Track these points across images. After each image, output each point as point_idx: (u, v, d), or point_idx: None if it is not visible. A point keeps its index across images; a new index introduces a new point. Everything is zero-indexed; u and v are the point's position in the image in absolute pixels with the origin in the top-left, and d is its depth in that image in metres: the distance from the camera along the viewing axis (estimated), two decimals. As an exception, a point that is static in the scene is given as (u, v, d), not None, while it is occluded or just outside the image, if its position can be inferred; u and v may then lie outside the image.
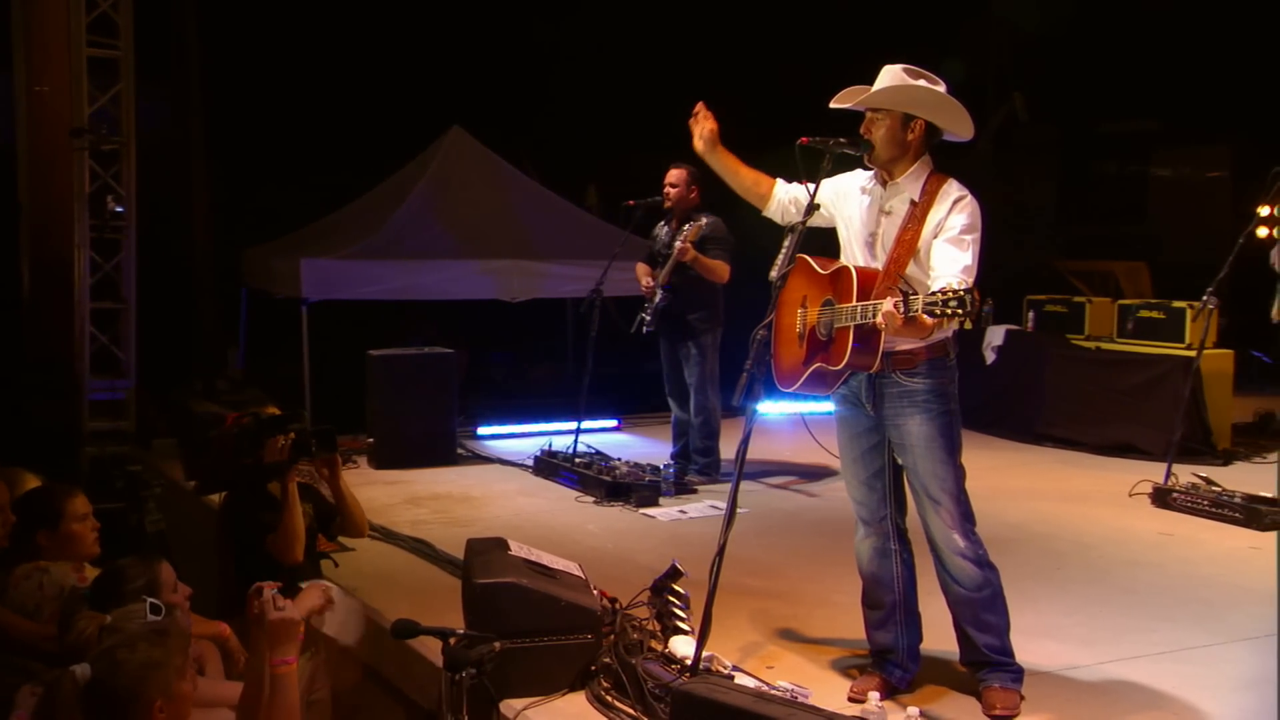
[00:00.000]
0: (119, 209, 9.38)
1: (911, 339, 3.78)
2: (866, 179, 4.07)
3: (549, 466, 7.73)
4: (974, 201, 3.85)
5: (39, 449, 8.06)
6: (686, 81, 11.88)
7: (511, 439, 9.15)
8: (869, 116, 3.96)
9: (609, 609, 4.34)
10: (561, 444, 7.97)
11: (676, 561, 4.27)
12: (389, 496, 7.16)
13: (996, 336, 9.49)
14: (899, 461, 4.03)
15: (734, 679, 3.75)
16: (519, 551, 4.37)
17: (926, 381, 3.89)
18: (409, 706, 4.57)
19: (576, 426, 7.92)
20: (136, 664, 2.79)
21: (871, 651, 4.17)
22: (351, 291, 9.21)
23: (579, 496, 7.16)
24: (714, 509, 6.77)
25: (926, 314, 3.42)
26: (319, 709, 4.48)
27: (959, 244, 3.76)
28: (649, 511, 6.75)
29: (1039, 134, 13.91)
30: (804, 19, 12.20)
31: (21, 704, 3.21)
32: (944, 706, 3.99)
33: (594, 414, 8.48)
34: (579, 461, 7.56)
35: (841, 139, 3.96)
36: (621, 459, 7.55)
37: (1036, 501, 7.02)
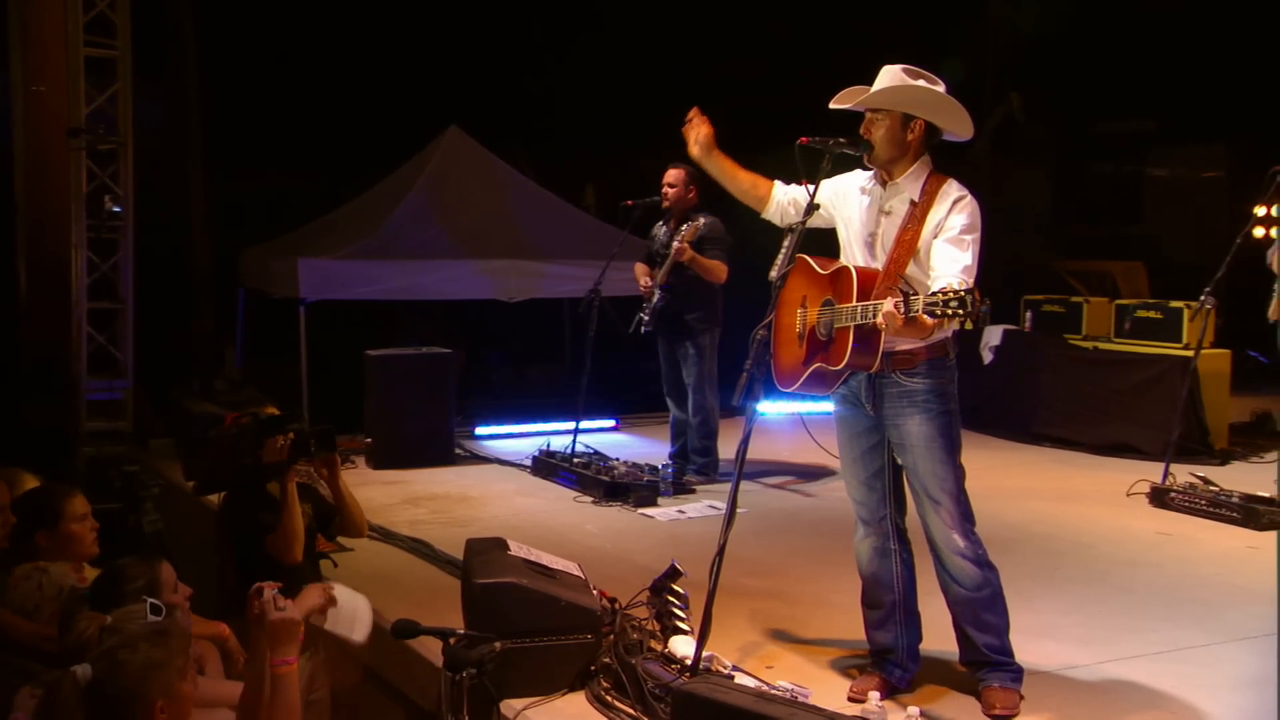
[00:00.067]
0: (116, 209, 9.35)
1: (911, 339, 3.78)
2: (866, 179, 4.07)
3: (547, 466, 7.73)
4: (974, 201, 3.85)
5: (35, 449, 8.04)
6: (685, 81, 11.91)
7: (509, 439, 9.14)
8: (868, 117, 3.97)
9: (608, 609, 4.34)
10: (559, 444, 7.97)
11: (675, 561, 4.27)
12: (387, 496, 7.16)
13: (994, 336, 9.50)
14: (899, 461, 4.03)
15: (734, 679, 3.75)
16: (518, 551, 4.37)
17: (926, 381, 3.90)
18: (408, 706, 4.57)
19: (574, 426, 7.92)
20: (138, 664, 2.79)
21: (871, 651, 4.17)
22: (349, 291, 9.21)
23: (577, 496, 7.16)
24: (712, 509, 6.78)
25: (927, 314, 3.42)
26: (318, 709, 4.47)
27: (959, 244, 3.76)
28: (647, 511, 6.75)
29: (1035, 134, 13.92)
30: (803, 19, 12.19)
31: (21, 706, 3.20)
32: (943, 706, 4.00)
33: (592, 414, 8.47)
34: (577, 461, 7.56)
35: (841, 139, 3.96)
36: (619, 459, 7.55)
37: (1034, 501, 7.03)
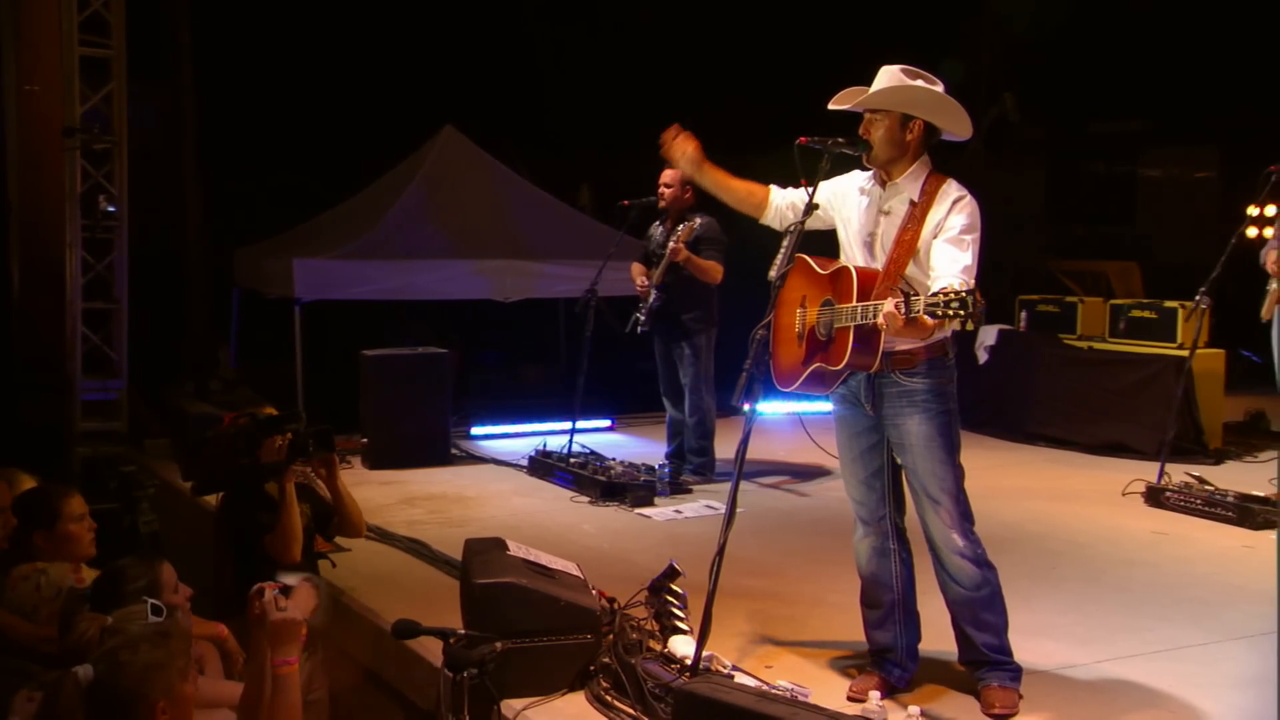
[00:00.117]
0: (111, 209, 9.33)
1: (911, 339, 3.79)
2: (865, 179, 4.07)
3: (544, 466, 7.72)
4: (973, 201, 3.86)
5: (31, 449, 8.01)
6: (682, 81, 11.92)
7: (505, 439, 9.14)
8: (867, 117, 3.97)
9: (608, 609, 4.34)
10: (556, 444, 7.97)
11: (674, 561, 4.28)
12: (384, 497, 7.15)
13: (989, 336, 9.51)
14: (898, 461, 4.03)
15: (734, 679, 3.76)
16: (518, 551, 4.37)
17: (926, 381, 3.90)
18: (407, 707, 4.56)
19: (571, 426, 7.91)
20: (139, 665, 2.79)
21: (870, 651, 4.17)
22: (345, 291, 9.19)
23: (574, 496, 7.16)
24: (709, 509, 6.78)
25: (928, 315, 3.42)
26: (317, 709, 4.46)
27: (959, 244, 3.77)
28: (644, 511, 6.75)
29: (1029, 134, 13.95)
30: (801, 19, 12.19)
31: (18, 710, 3.18)
32: (943, 706, 4.00)
33: (588, 414, 8.47)
34: (574, 461, 7.55)
35: (840, 139, 3.97)
36: (616, 459, 7.55)
37: (1030, 501, 7.04)
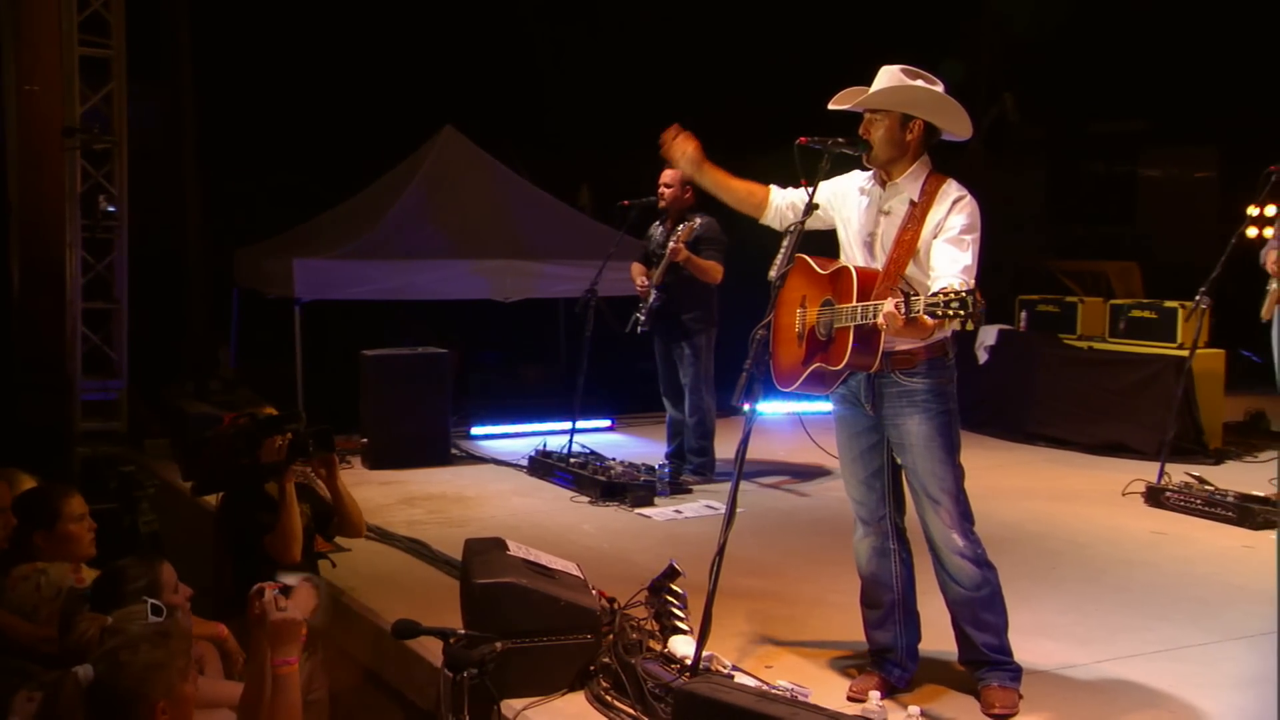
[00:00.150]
0: (111, 209, 9.33)
1: (911, 339, 3.79)
2: (865, 179, 4.07)
3: (544, 466, 7.72)
4: (973, 201, 3.86)
5: (30, 449, 8.01)
6: (682, 81, 11.91)
7: (505, 439, 9.14)
8: (867, 117, 3.97)
9: (608, 609, 4.34)
10: (556, 444, 7.97)
11: (674, 561, 4.28)
12: (384, 497, 7.15)
13: (989, 336, 9.51)
14: (898, 461, 4.03)
15: (733, 679, 3.76)
16: (518, 551, 4.37)
17: (926, 381, 3.90)
18: (407, 707, 4.56)
19: (571, 426, 7.91)
20: (139, 665, 2.79)
21: (870, 651, 4.17)
22: (344, 291, 9.19)
23: (574, 496, 7.16)
24: (709, 509, 6.78)
25: (928, 315, 3.42)
26: (316, 709, 4.46)
27: (959, 244, 3.77)
28: (644, 511, 6.75)
29: (1029, 134, 13.96)
30: (801, 19, 12.19)
31: (18, 710, 3.18)
32: (943, 705, 4.00)
33: (587, 414, 8.47)
34: (574, 461, 7.55)
35: (840, 139, 3.97)
36: (616, 459, 7.55)
37: (1030, 501, 7.04)
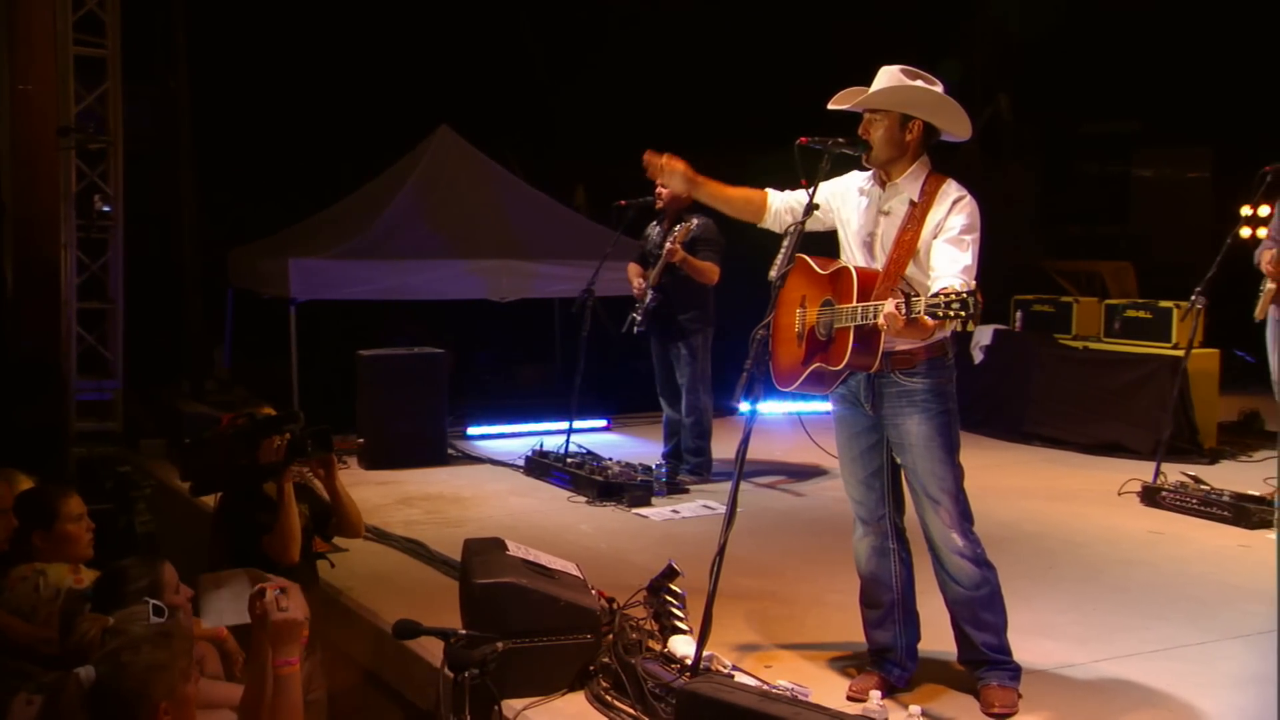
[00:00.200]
0: (106, 208, 9.31)
1: (911, 340, 3.79)
2: (865, 180, 4.08)
3: (540, 467, 7.71)
4: (973, 202, 3.86)
5: (26, 450, 7.99)
6: (678, 81, 11.91)
7: (501, 439, 9.13)
8: (867, 117, 3.97)
9: (607, 609, 4.34)
10: (553, 444, 7.97)
11: (673, 561, 4.28)
12: (381, 497, 7.14)
13: (984, 336, 9.52)
14: (897, 461, 4.04)
15: (733, 678, 3.76)
16: (517, 552, 4.37)
17: (925, 381, 3.91)
18: (406, 707, 4.56)
19: (568, 426, 7.92)
20: (141, 666, 2.78)
21: (870, 650, 4.17)
22: (340, 291, 9.17)
23: (571, 497, 7.16)
24: (706, 509, 6.78)
25: (929, 315, 3.43)
26: (315, 709, 4.45)
27: (959, 244, 3.78)
28: (642, 511, 6.75)
29: (1023, 134, 13.98)
30: (798, 20, 12.21)
31: (17, 712, 3.17)
32: (943, 705, 4.00)
33: (583, 414, 8.47)
34: (571, 461, 7.55)
35: (840, 139, 3.97)
36: (613, 459, 7.54)
37: (1026, 500, 7.05)
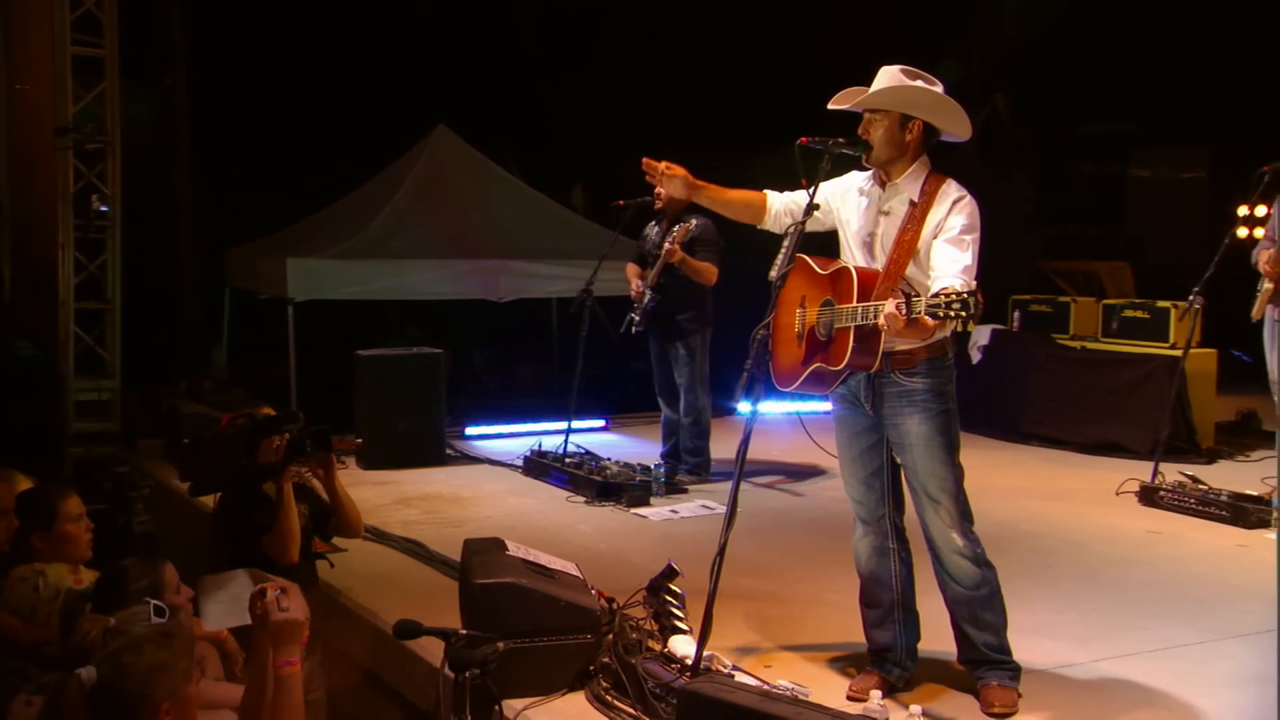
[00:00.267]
0: (104, 208, 9.31)
1: (912, 340, 3.79)
2: (865, 180, 4.08)
3: (539, 467, 7.71)
4: (973, 202, 3.87)
5: (22, 450, 7.98)
6: (677, 81, 11.90)
7: (499, 439, 9.12)
8: (867, 117, 3.97)
9: (607, 609, 4.34)
10: (551, 444, 7.96)
11: (672, 561, 4.28)
12: (379, 497, 7.13)
13: (982, 336, 9.53)
14: (897, 461, 4.04)
15: (733, 678, 3.76)
16: (517, 552, 4.37)
17: (925, 381, 3.91)
18: (406, 707, 4.56)
19: (567, 426, 7.91)
20: (143, 666, 2.78)
21: (870, 650, 4.17)
22: (338, 291, 9.16)
23: (570, 497, 7.15)
24: (705, 509, 6.78)
25: (929, 316, 3.43)
26: (315, 709, 4.44)
27: (959, 244, 3.78)
28: (640, 511, 6.74)
29: (1020, 134, 13.99)
30: (797, 20, 12.21)
31: (16, 715, 3.16)
32: (942, 705, 4.01)
33: (581, 414, 8.47)
34: (569, 461, 7.54)
35: (840, 139, 3.97)
36: (611, 459, 7.54)
37: (1025, 500, 7.05)
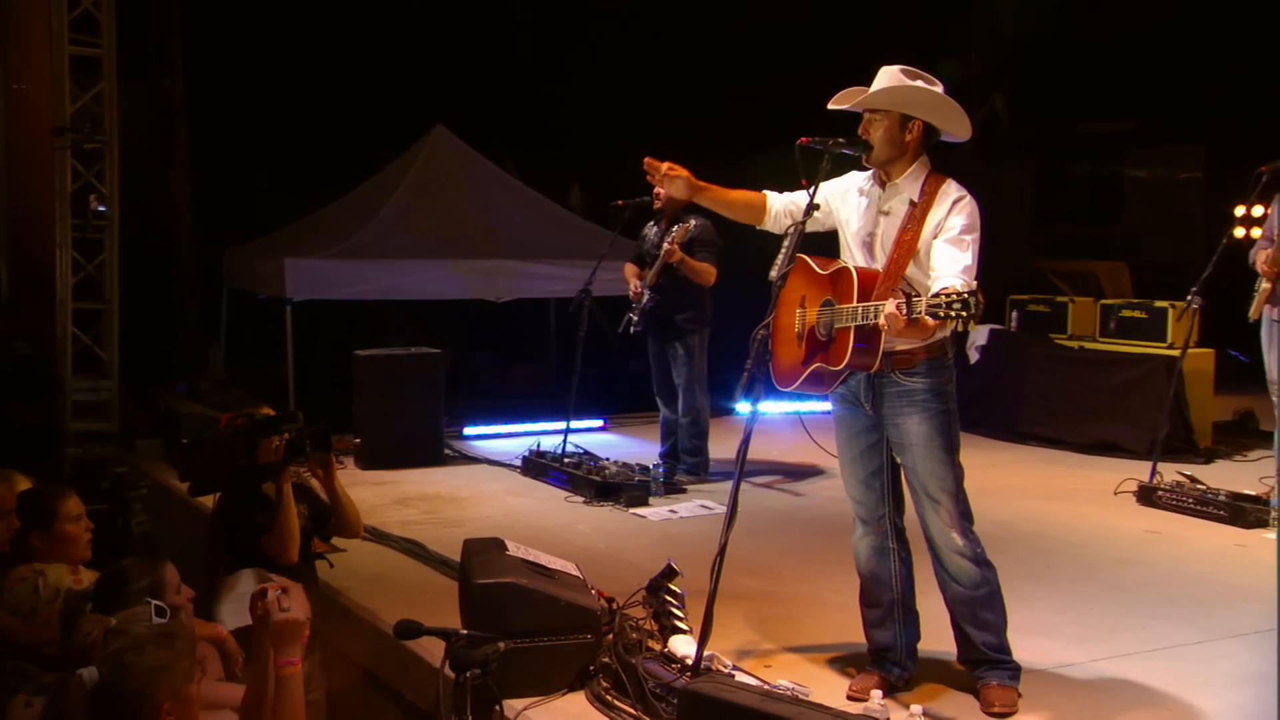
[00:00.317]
0: (101, 208, 9.29)
1: (912, 340, 3.80)
2: (864, 180, 4.08)
3: (537, 467, 7.71)
4: (973, 202, 3.87)
5: (20, 450, 7.97)
6: (675, 81, 11.89)
7: (498, 439, 9.12)
8: (867, 117, 3.98)
9: (607, 609, 4.35)
10: (549, 444, 7.96)
11: (672, 561, 4.28)
12: (378, 497, 7.12)
13: (980, 336, 9.54)
14: (897, 460, 4.04)
15: (734, 678, 3.76)
16: (517, 552, 4.37)
17: (925, 381, 3.91)
18: (405, 707, 4.56)
19: (565, 426, 7.91)
20: (144, 667, 2.77)
21: (870, 650, 4.17)
22: (336, 291, 9.15)
23: (568, 496, 7.15)
24: (704, 509, 6.79)
25: (930, 315, 3.44)
26: (314, 710, 4.43)
27: (959, 244, 3.78)
28: (639, 511, 6.75)
29: (1017, 134, 14.01)
30: (796, 20, 12.21)
31: (17, 715, 3.16)
32: (942, 704, 4.01)
33: (579, 414, 8.47)
34: (568, 461, 7.54)
35: (840, 139, 3.97)
36: (610, 459, 7.54)
37: (1023, 500, 7.06)
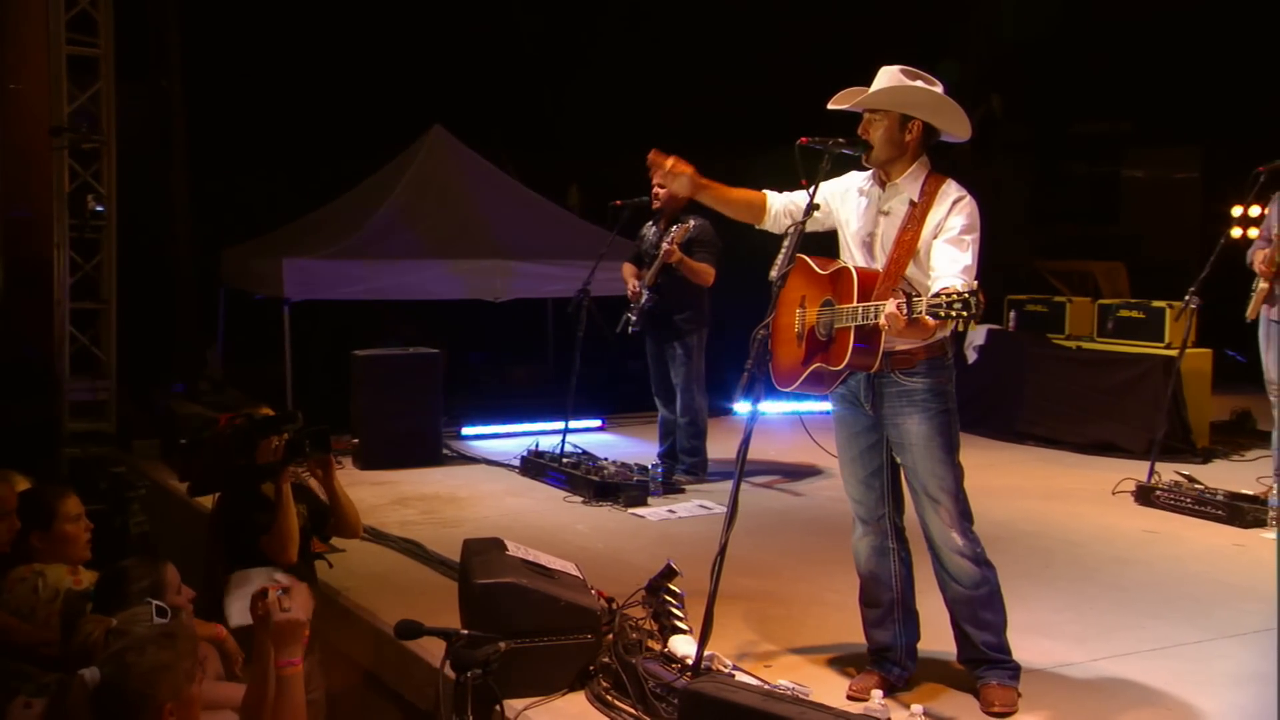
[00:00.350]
0: (99, 208, 9.28)
1: (912, 340, 3.80)
2: (864, 180, 4.08)
3: (536, 467, 7.71)
4: (973, 202, 3.87)
5: (18, 450, 7.95)
6: (674, 80, 11.88)
7: (496, 439, 9.12)
8: (867, 117, 3.98)
9: (607, 609, 4.35)
10: (548, 444, 7.96)
11: (671, 561, 4.28)
12: (376, 497, 7.12)
13: (978, 336, 9.55)
14: (897, 460, 4.05)
15: (734, 678, 3.76)
16: (516, 552, 4.37)
17: (925, 381, 3.92)
18: (405, 707, 4.55)
19: (564, 426, 7.91)
20: (146, 667, 2.77)
21: (870, 650, 4.17)
22: (334, 291, 9.15)
23: (567, 496, 7.16)
24: (702, 509, 6.80)
25: (930, 315, 3.44)
26: (314, 709, 4.43)
27: (959, 244, 3.78)
28: (638, 511, 6.75)
29: (1014, 134, 14.02)
30: (796, 20, 12.21)
31: (16, 716, 3.15)
32: (942, 704, 4.01)
33: (577, 414, 8.47)
34: (566, 461, 7.54)
35: (840, 139, 3.98)
36: (608, 459, 7.55)
37: (1021, 500, 7.07)
